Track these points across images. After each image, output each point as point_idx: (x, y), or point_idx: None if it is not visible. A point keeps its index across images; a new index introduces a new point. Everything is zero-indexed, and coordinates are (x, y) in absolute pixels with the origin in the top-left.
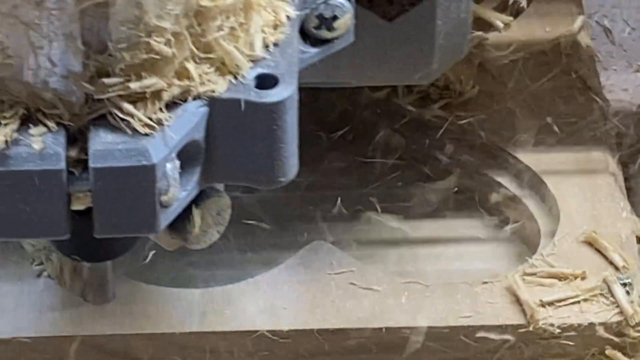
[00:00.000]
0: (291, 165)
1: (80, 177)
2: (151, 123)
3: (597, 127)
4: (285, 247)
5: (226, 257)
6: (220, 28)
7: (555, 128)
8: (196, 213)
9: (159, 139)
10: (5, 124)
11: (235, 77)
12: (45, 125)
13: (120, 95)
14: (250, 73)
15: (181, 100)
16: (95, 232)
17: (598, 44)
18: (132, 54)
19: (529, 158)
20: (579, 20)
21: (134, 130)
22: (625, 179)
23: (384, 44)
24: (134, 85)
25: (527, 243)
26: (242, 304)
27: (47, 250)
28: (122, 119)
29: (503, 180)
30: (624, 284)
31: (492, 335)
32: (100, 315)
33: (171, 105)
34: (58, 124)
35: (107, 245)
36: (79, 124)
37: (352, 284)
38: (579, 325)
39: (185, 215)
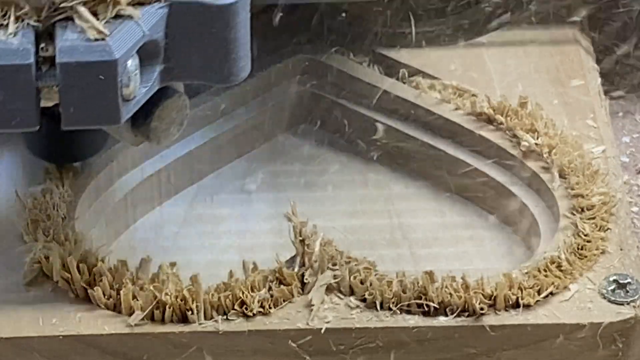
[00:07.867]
0: (243, 66)
1: (48, 74)
2: (104, 31)
3: None
4: None
5: None
6: None
7: None
8: (157, 110)
9: (121, 37)
10: None
11: None
12: (15, 25)
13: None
14: None
15: (141, 3)
16: (63, 124)
17: None
18: None
19: None
20: None
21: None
22: None
23: None
24: None
25: (527, 242)
26: None
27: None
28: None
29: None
30: (624, 284)
31: None
32: (99, 316)
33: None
34: (28, 24)
35: (76, 147)
36: (46, 24)
37: None
38: None
39: (147, 113)
